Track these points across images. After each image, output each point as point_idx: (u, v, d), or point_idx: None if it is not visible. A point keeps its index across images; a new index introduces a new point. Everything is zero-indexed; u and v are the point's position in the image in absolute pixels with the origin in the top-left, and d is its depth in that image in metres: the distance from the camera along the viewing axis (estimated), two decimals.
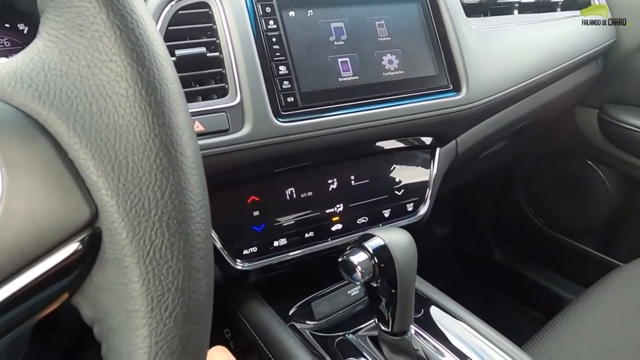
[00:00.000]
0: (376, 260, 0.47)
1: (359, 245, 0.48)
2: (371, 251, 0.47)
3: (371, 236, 0.48)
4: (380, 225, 0.64)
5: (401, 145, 0.64)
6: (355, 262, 0.47)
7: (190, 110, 0.49)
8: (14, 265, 0.19)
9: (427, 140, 0.66)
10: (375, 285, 0.49)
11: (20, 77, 0.21)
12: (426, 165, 0.68)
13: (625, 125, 0.96)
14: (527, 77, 0.73)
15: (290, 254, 0.59)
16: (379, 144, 0.62)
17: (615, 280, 0.80)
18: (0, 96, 0.20)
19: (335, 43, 0.57)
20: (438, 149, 0.68)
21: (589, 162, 1.10)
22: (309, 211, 0.60)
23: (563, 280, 1.21)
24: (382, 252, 0.47)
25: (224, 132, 0.50)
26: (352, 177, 0.62)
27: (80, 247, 0.20)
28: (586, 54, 0.84)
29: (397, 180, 0.65)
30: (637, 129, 0.95)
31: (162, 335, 0.21)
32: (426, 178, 0.68)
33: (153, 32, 0.22)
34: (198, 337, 0.23)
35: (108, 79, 0.20)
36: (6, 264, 0.19)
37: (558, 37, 0.81)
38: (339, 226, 0.62)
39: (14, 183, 0.19)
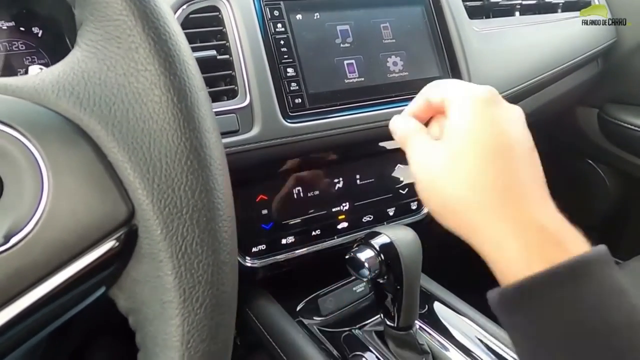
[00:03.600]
0: (382, 257, 0.48)
1: (365, 242, 0.50)
2: (378, 248, 0.48)
3: (377, 234, 0.50)
4: (385, 223, 0.66)
5: None
6: (363, 259, 0.48)
7: None
8: (60, 258, 0.20)
9: None
10: (381, 281, 0.50)
11: (63, 85, 0.22)
12: None
13: (625, 125, 0.97)
14: (529, 77, 0.74)
15: (298, 251, 0.60)
16: (383, 143, 0.63)
17: None
18: (45, 103, 0.22)
19: (342, 45, 0.58)
20: None
21: (589, 161, 1.12)
22: (316, 210, 0.61)
23: None
24: (389, 249, 0.48)
25: (234, 132, 0.51)
26: (358, 177, 0.63)
27: (118, 243, 0.22)
28: (587, 54, 0.85)
29: (400, 179, 0.66)
30: (637, 128, 0.96)
31: (194, 325, 0.22)
32: None
33: (183, 43, 0.23)
34: (225, 327, 0.24)
35: (143, 86, 0.22)
36: (53, 258, 0.20)
37: (559, 38, 0.82)
38: (344, 224, 0.63)
39: (59, 184, 0.21)
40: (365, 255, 0.49)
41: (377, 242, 0.49)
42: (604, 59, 0.96)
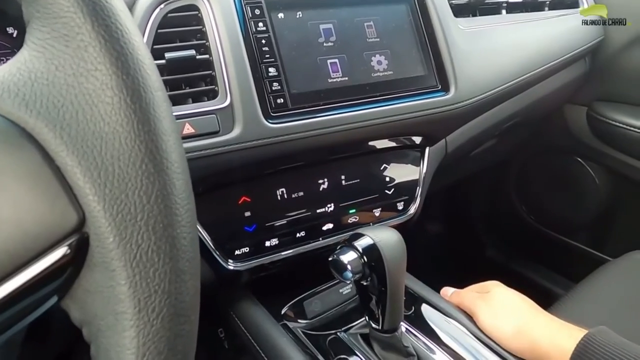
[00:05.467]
0: (365, 259, 0.48)
1: (349, 244, 0.49)
2: (361, 250, 0.48)
3: (361, 235, 0.49)
4: (371, 224, 0.65)
5: (391, 144, 0.65)
6: (345, 261, 0.47)
7: (180, 113, 0.50)
8: (3, 270, 0.19)
9: (417, 139, 0.67)
10: (365, 283, 0.49)
11: (8, 86, 0.21)
12: (416, 164, 0.69)
13: (614, 123, 0.97)
14: (515, 76, 0.74)
15: (282, 253, 0.59)
16: (368, 143, 0.63)
17: (604, 276, 0.81)
18: None
19: (325, 44, 0.57)
20: (427, 148, 0.69)
21: (579, 159, 1.11)
22: (300, 211, 0.60)
23: (554, 275, 1.22)
24: (372, 251, 0.48)
25: (215, 134, 0.51)
26: (343, 177, 0.62)
27: (69, 251, 0.21)
28: (574, 53, 0.85)
29: (387, 179, 0.66)
30: (625, 126, 0.96)
31: (150, 336, 0.21)
32: (416, 177, 0.69)
33: (137, 41, 0.22)
34: (185, 337, 0.23)
35: (94, 87, 0.21)
36: None
37: (546, 36, 0.82)
38: (330, 226, 0.62)
39: (2, 190, 0.19)
40: (347, 257, 0.48)
41: (359, 243, 0.48)
42: (592, 57, 0.96)
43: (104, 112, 0.21)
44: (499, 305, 0.54)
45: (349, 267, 0.47)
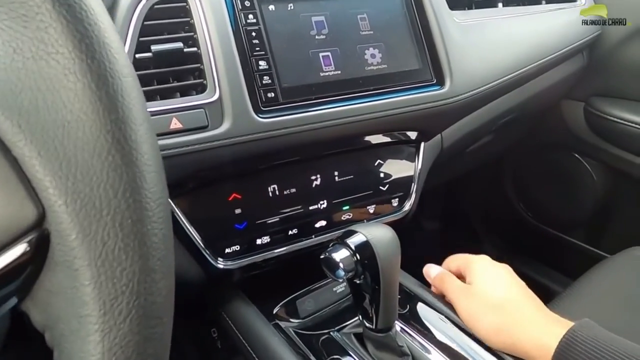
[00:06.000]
0: (358, 257, 0.46)
1: (341, 241, 0.48)
2: (353, 248, 0.46)
3: (353, 232, 0.48)
4: (365, 221, 0.64)
5: (385, 140, 0.63)
6: (337, 259, 0.46)
7: (167, 107, 0.48)
8: None
9: (412, 134, 0.66)
10: (358, 282, 0.48)
11: None
12: (411, 160, 0.67)
13: (611, 118, 0.96)
14: (512, 70, 0.73)
15: (274, 251, 0.58)
16: (362, 139, 0.61)
17: (602, 272, 0.80)
18: None
19: (317, 37, 0.56)
20: (423, 144, 0.68)
21: (576, 155, 1.10)
22: (292, 208, 0.59)
23: (551, 272, 1.21)
24: (364, 249, 0.46)
25: (203, 128, 0.49)
26: (336, 173, 0.61)
27: (28, 249, 0.19)
28: (571, 47, 0.84)
29: (381, 175, 0.64)
30: (622, 122, 0.95)
31: (116, 340, 0.20)
32: (411, 173, 0.67)
33: (104, 23, 0.21)
34: (156, 341, 0.22)
35: (55, 72, 0.19)
36: None
37: (543, 30, 0.81)
38: (323, 223, 0.61)
39: None
40: (340, 255, 0.46)
41: (352, 241, 0.47)
42: (589, 52, 0.95)
43: (66, 99, 0.19)
44: (480, 299, 0.51)
45: (341, 265, 0.46)
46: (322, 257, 0.48)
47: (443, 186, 1.27)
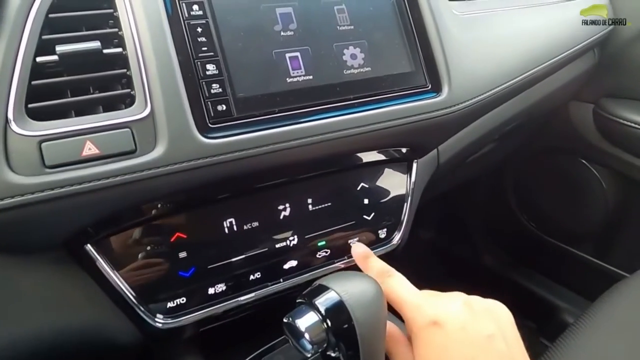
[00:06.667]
0: (329, 324, 0.35)
1: (308, 301, 0.37)
2: (323, 311, 0.36)
3: (324, 289, 0.37)
4: (346, 258, 0.53)
5: (370, 159, 0.53)
6: (302, 328, 0.35)
7: (79, 127, 0.37)
8: None
9: (402, 151, 0.55)
10: (333, 354, 0.37)
11: None
12: (401, 181, 0.57)
13: (623, 121, 0.90)
14: (520, 71, 0.64)
15: (231, 301, 0.47)
16: (341, 159, 0.50)
17: (622, 296, 0.71)
18: None
19: (282, 34, 0.46)
20: (415, 162, 0.57)
21: (584, 161, 1.05)
22: (254, 247, 0.48)
23: (556, 287, 1.19)
24: (338, 312, 0.36)
25: (129, 154, 0.38)
26: (309, 201, 0.51)
27: None
28: (584, 43, 0.77)
29: (365, 202, 0.54)
30: (635, 125, 0.89)
31: None
32: (402, 196, 0.57)
33: None
34: None
35: None
36: None
37: (554, 24, 0.73)
38: (293, 263, 0.51)
39: None
40: (305, 321, 0.36)
41: (321, 301, 0.36)
42: (600, 49, 0.89)
43: None
44: None
45: (306, 335, 0.35)
46: (284, 320, 0.37)
47: (440, 194, 1.20)
